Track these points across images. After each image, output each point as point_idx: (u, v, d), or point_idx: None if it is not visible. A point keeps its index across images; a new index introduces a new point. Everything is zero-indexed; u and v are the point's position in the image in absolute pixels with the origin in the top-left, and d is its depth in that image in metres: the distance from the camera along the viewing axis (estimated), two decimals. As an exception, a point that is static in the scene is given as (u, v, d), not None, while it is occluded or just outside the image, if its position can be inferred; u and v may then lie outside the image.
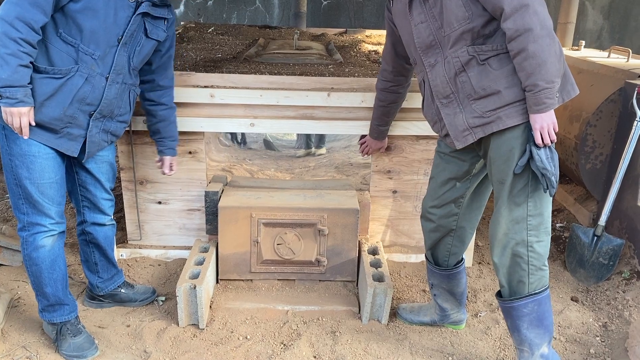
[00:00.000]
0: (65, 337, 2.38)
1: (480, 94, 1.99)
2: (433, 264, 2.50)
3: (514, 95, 1.95)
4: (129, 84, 2.30)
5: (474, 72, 1.98)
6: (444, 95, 2.08)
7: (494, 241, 2.14)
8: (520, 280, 2.12)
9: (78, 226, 2.55)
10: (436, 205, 2.38)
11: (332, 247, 2.83)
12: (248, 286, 2.87)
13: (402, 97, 2.60)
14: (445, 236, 2.42)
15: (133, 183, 2.96)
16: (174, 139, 2.63)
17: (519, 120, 1.96)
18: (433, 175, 2.39)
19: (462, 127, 2.07)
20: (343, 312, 2.71)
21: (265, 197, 2.88)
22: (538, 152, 1.94)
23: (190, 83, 2.80)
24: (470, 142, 2.07)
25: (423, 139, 2.92)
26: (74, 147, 2.22)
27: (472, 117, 2.03)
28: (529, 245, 2.08)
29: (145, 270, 3.01)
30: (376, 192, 3.03)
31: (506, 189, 2.05)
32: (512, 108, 1.96)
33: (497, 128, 1.99)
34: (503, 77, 1.95)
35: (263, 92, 2.76)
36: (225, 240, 2.81)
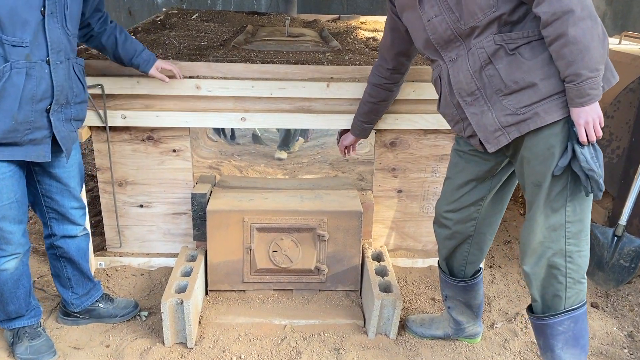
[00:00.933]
0: (22, 340, 2.18)
1: (512, 88, 1.74)
2: (447, 274, 2.25)
3: (552, 88, 1.70)
4: (71, 57, 1.99)
5: (503, 64, 1.73)
6: (468, 92, 1.83)
7: (527, 250, 1.89)
8: (556, 295, 1.88)
9: (46, 239, 2.26)
10: (453, 210, 2.13)
11: (333, 253, 2.57)
12: (241, 297, 2.60)
13: (394, 96, 2.39)
14: (461, 244, 2.18)
15: (111, 185, 2.67)
16: (142, 49, 2.30)
17: (559, 115, 1.71)
18: (450, 176, 2.14)
19: (492, 127, 1.81)
20: (347, 326, 2.45)
21: (259, 199, 2.61)
22: (582, 151, 1.69)
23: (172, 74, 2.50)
24: (503, 143, 1.81)
25: (431, 134, 2.66)
26: (44, 151, 1.94)
27: (504, 114, 1.78)
28: (567, 255, 1.84)
29: (127, 280, 2.73)
30: (380, 192, 2.77)
31: (543, 192, 1.80)
32: (550, 102, 1.71)
33: (535, 126, 1.74)
34: (538, 68, 1.69)
35: (255, 83, 2.48)
36: (215, 248, 2.53)
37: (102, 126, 2.53)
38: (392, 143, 2.67)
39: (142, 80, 2.45)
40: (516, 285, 2.84)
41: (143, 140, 2.61)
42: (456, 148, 2.11)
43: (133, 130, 2.59)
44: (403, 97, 2.51)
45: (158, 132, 2.60)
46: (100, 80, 2.45)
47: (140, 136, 2.60)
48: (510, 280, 2.86)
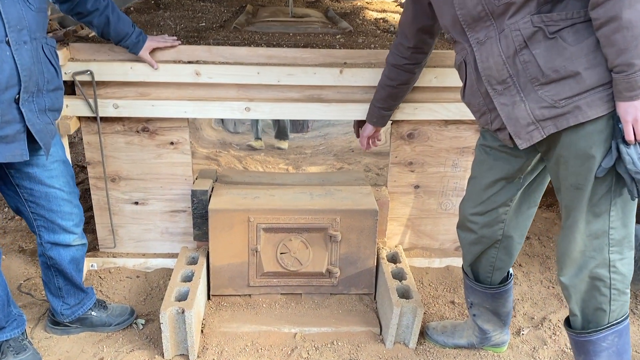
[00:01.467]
0: (6, 355, 1.96)
1: (550, 77, 1.51)
2: (473, 280, 2.06)
3: (597, 78, 1.48)
4: (39, 37, 1.73)
5: (541, 49, 1.51)
6: (498, 80, 1.61)
7: (566, 260, 1.69)
8: (599, 308, 1.69)
9: (39, 246, 2.03)
10: (479, 212, 1.92)
11: (346, 255, 2.37)
12: (246, 303, 2.39)
13: (415, 79, 2.16)
14: (488, 249, 1.98)
15: (103, 180, 2.44)
16: (133, 31, 2.11)
17: (604, 110, 1.49)
18: (475, 175, 1.93)
19: (525, 120, 1.60)
20: (362, 334, 2.26)
21: (265, 196, 2.39)
22: (628, 151, 1.48)
23: (169, 58, 2.27)
24: (537, 139, 1.60)
25: (452, 124, 2.44)
26: (19, 149, 1.70)
27: (540, 107, 1.56)
28: (611, 265, 1.65)
29: (121, 284, 2.52)
30: (395, 188, 2.56)
31: (583, 196, 1.60)
32: (594, 94, 1.49)
33: (576, 121, 1.52)
34: (582, 55, 1.47)
35: (261, 69, 2.25)
36: (218, 249, 2.32)
37: (93, 116, 2.30)
38: (409, 135, 2.45)
39: (136, 66, 2.21)
40: (539, 286, 2.65)
41: (137, 131, 2.38)
42: (482, 143, 1.89)
43: (126, 120, 2.35)
44: (424, 85, 2.29)
45: (154, 122, 2.37)
46: (89, 66, 2.21)
47: (135, 127, 2.37)
48: (533, 281, 2.68)
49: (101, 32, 2.09)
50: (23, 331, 2.03)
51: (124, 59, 2.24)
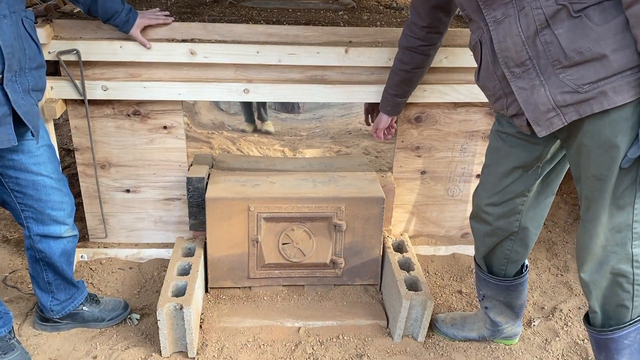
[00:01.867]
0: None
1: (574, 60, 1.38)
2: (486, 272, 1.96)
3: (625, 61, 1.35)
4: (18, 10, 1.58)
5: (565, 29, 1.37)
6: (517, 62, 1.48)
7: (586, 255, 1.59)
8: (621, 305, 1.60)
9: (26, 239, 1.89)
10: (495, 203, 1.82)
11: (351, 244, 2.26)
12: (246, 295, 2.28)
13: (430, 62, 2.03)
14: (503, 240, 1.88)
15: (92, 167, 2.29)
16: (123, 5, 1.96)
17: (632, 96, 1.37)
18: (490, 163, 1.82)
19: (545, 105, 1.47)
20: (368, 327, 2.17)
21: (265, 183, 2.26)
22: None
23: (162, 36, 2.11)
24: (557, 127, 1.48)
25: (462, 107, 2.32)
26: (6, 133, 1.57)
27: (561, 91, 1.43)
28: (634, 260, 1.55)
29: (113, 275, 2.39)
30: (401, 174, 2.45)
31: (607, 188, 1.49)
32: (622, 79, 1.36)
33: (601, 108, 1.40)
34: (609, 36, 1.34)
35: (260, 48, 2.10)
36: (216, 240, 2.20)
37: (80, 99, 2.14)
38: (417, 118, 2.33)
39: (126, 45, 2.05)
40: (547, 273, 2.58)
41: (128, 115, 2.23)
42: (498, 129, 1.77)
43: (116, 103, 2.20)
44: (433, 65, 2.14)
45: (145, 105, 2.21)
46: (75, 45, 2.04)
47: (125, 111, 2.22)
48: (541, 269, 2.60)
49: (88, 10, 1.93)
50: (10, 329, 1.91)
51: (112, 37, 2.08)
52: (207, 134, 3.48)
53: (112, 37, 2.07)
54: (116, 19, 1.95)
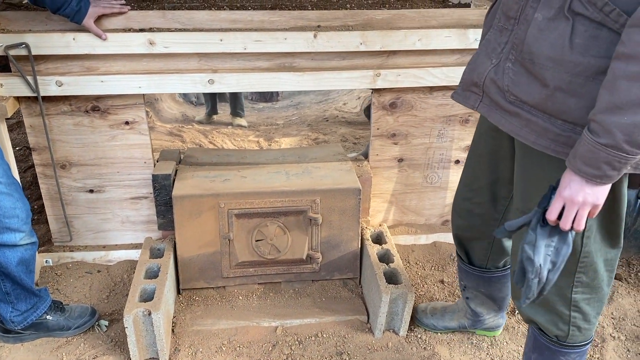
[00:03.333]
0: None
1: (524, 60, 1.19)
2: (466, 262, 1.88)
3: (562, 109, 1.14)
4: None
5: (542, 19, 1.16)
6: (507, 12, 1.27)
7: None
8: (556, 335, 1.51)
9: None
10: (471, 199, 1.73)
11: (328, 238, 2.17)
12: (220, 295, 2.19)
13: None
14: (481, 240, 1.79)
15: (51, 167, 2.16)
16: None
17: (551, 149, 1.19)
18: (470, 156, 1.71)
19: (478, 76, 1.32)
20: (348, 324, 2.09)
21: (236, 178, 2.16)
22: (538, 230, 1.16)
23: (118, 26, 1.98)
24: (467, 105, 1.38)
25: (438, 91, 2.23)
26: None
27: (495, 79, 1.27)
28: (572, 304, 1.42)
29: (80, 280, 2.28)
30: (377, 162, 2.36)
31: None
32: (546, 121, 1.18)
33: (518, 137, 1.25)
34: (570, 72, 1.12)
35: (224, 36, 1.98)
36: (186, 240, 2.09)
37: (33, 96, 2.01)
38: (392, 104, 2.23)
39: (79, 36, 1.92)
40: (530, 258, 2.52)
41: (87, 111, 2.10)
42: (478, 124, 1.64)
43: (73, 99, 2.07)
44: (406, 48, 2.06)
45: (105, 100, 2.09)
46: (24, 38, 1.91)
47: (83, 107, 2.09)
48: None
49: (34, 0, 1.79)
50: None
51: (64, 28, 1.95)
52: (179, 127, 3.36)
53: (64, 28, 1.94)
54: (66, 9, 1.82)
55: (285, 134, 3.40)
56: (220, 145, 3.25)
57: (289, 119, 3.57)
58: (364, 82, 2.11)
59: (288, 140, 3.35)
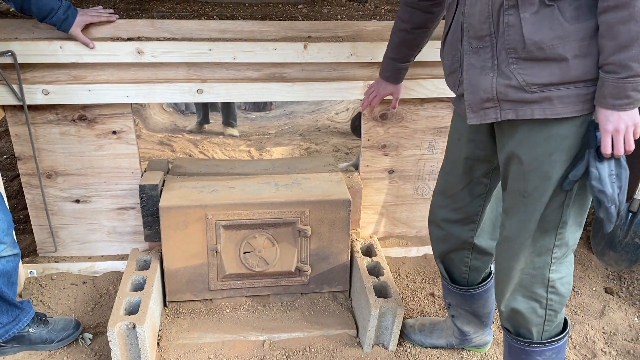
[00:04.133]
0: None
1: (531, 53, 1.27)
2: (448, 280, 1.86)
3: (583, 71, 1.25)
4: None
5: (531, 14, 1.25)
6: (477, 34, 1.34)
7: (506, 281, 1.53)
8: (531, 328, 1.56)
9: None
10: (447, 207, 1.73)
11: (317, 250, 2.14)
12: (207, 308, 2.16)
13: (435, 22, 1.72)
14: (459, 249, 1.78)
15: (37, 177, 2.13)
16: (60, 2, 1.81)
17: (578, 111, 1.28)
18: (444, 165, 1.72)
19: (486, 93, 1.36)
20: (337, 338, 2.06)
21: (224, 189, 2.13)
22: (599, 166, 1.28)
23: (106, 34, 1.96)
24: (490, 120, 1.38)
25: (429, 102, 2.22)
26: None
27: (507, 84, 1.31)
28: (550, 285, 1.49)
29: (65, 292, 2.24)
30: (368, 173, 2.34)
31: (530, 206, 1.40)
32: (572, 89, 1.26)
33: (541, 115, 1.30)
34: (577, 39, 1.23)
35: (213, 46, 1.96)
36: (173, 251, 2.06)
37: (19, 105, 1.98)
38: (382, 116, 2.22)
39: (66, 45, 1.90)
40: (522, 271, 2.50)
41: (73, 120, 2.07)
42: (451, 131, 1.67)
43: (60, 108, 2.05)
44: (397, 60, 2.05)
45: (92, 110, 2.06)
46: (10, 46, 1.88)
47: (70, 116, 2.07)
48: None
49: (20, 7, 1.77)
50: None
51: (52, 36, 1.92)
52: (169, 137, 3.33)
53: (51, 36, 1.92)
54: (53, 17, 1.80)
55: (277, 144, 3.38)
56: (211, 155, 3.22)
57: (281, 129, 3.55)
58: (354, 93, 2.09)
59: (280, 149, 3.33)
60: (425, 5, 1.65)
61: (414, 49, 1.79)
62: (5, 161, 3.27)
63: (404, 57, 1.83)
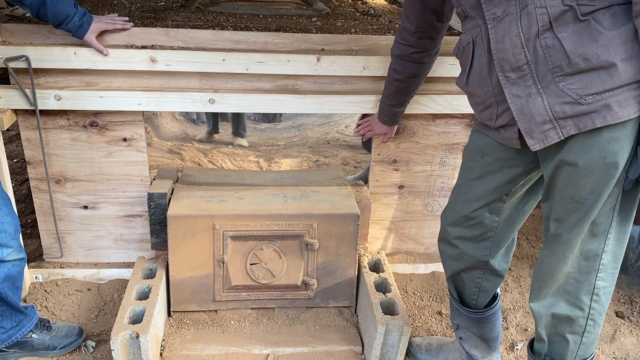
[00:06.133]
0: None
1: (578, 67, 1.26)
2: (458, 301, 1.83)
3: (634, 72, 1.24)
4: None
5: (569, 32, 1.25)
6: (513, 66, 1.35)
7: (549, 279, 1.50)
8: (568, 339, 1.52)
9: None
10: (461, 225, 1.70)
11: (324, 264, 2.12)
12: (212, 319, 2.13)
13: (426, 70, 1.87)
14: (472, 269, 1.75)
15: (46, 182, 2.13)
16: (75, 12, 1.81)
17: (637, 111, 1.27)
18: (461, 183, 1.69)
19: (541, 116, 1.34)
20: (342, 354, 2.03)
21: (232, 199, 2.12)
22: None
23: (120, 42, 1.97)
24: (554, 141, 1.35)
25: (441, 119, 2.21)
26: None
27: (561, 102, 1.30)
28: (594, 293, 1.47)
29: (70, 298, 2.22)
30: (377, 188, 2.32)
31: (585, 211, 1.38)
32: (628, 91, 1.25)
33: (604, 122, 1.28)
34: (620, 43, 1.23)
35: (226, 56, 1.96)
36: (179, 261, 2.05)
37: (31, 109, 1.98)
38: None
39: (80, 51, 1.91)
40: (531, 292, 2.46)
41: (85, 126, 2.08)
42: (472, 148, 1.63)
43: (71, 114, 2.05)
44: (410, 75, 2.04)
45: (103, 116, 2.06)
46: (25, 51, 1.89)
47: (81, 122, 2.07)
48: (524, 287, 2.48)
49: (36, 13, 1.78)
50: None
51: (66, 42, 1.93)
52: (179, 145, 3.33)
53: (65, 42, 1.93)
54: (68, 24, 1.81)
55: (285, 155, 3.37)
56: (220, 165, 3.22)
57: (290, 140, 3.54)
58: (366, 107, 2.08)
59: (288, 161, 3.32)
60: (416, 57, 1.78)
61: (409, 94, 1.97)
62: (15, 165, 3.28)
63: (400, 103, 2.00)
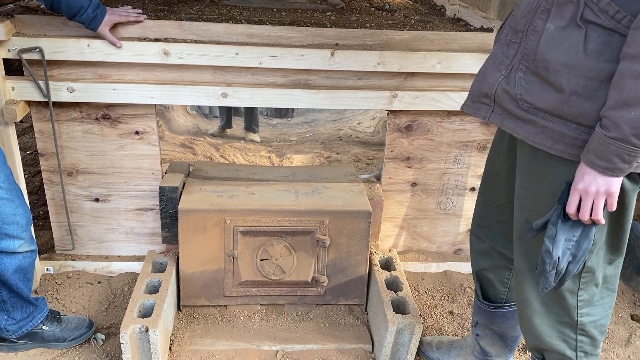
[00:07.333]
0: None
1: (537, 69, 1.21)
2: (481, 297, 1.80)
3: (577, 112, 1.17)
4: None
5: (555, 28, 1.19)
6: (514, 27, 1.31)
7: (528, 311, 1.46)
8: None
9: None
10: (488, 227, 1.68)
11: (335, 261, 2.10)
12: (221, 314, 2.13)
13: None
14: (502, 269, 1.72)
15: (58, 174, 2.13)
16: (90, 1, 1.80)
17: (559, 150, 1.21)
18: (482, 191, 1.68)
19: (488, 88, 1.33)
20: (352, 352, 2.01)
21: (243, 194, 2.11)
22: (559, 225, 1.21)
23: (134, 34, 1.96)
24: (479, 116, 1.37)
25: (455, 116, 2.17)
26: None
27: (506, 88, 1.28)
28: (579, 328, 1.41)
29: (80, 290, 2.23)
30: (390, 185, 2.29)
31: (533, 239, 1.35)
32: (561, 126, 1.19)
33: (520, 135, 1.28)
34: (584, 76, 1.15)
35: (240, 50, 1.94)
36: (189, 255, 2.04)
37: (44, 101, 1.98)
38: (407, 127, 2.18)
39: (94, 43, 1.90)
40: (544, 293, 2.42)
41: (97, 119, 2.07)
42: (494, 140, 1.61)
43: (84, 106, 2.05)
44: (425, 71, 2.01)
45: (116, 109, 2.06)
46: (38, 42, 1.89)
47: (94, 114, 2.06)
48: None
49: (50, 5, 1.78)
50: None
51: (79, 34, 1.92)
52: (191, 139, 3.33)
53: (79, 34, 1.92)
54: (82, 16, 1.80)
55: (297, 151, 3.36)
56: (232, 160, 3.21)
57: (302, 136, 3.53)
58: (380, 103, 2.06)
59: (300, 157, 3.31)
60: None
61: None
62: (28, 157, 3.30)
63: None
